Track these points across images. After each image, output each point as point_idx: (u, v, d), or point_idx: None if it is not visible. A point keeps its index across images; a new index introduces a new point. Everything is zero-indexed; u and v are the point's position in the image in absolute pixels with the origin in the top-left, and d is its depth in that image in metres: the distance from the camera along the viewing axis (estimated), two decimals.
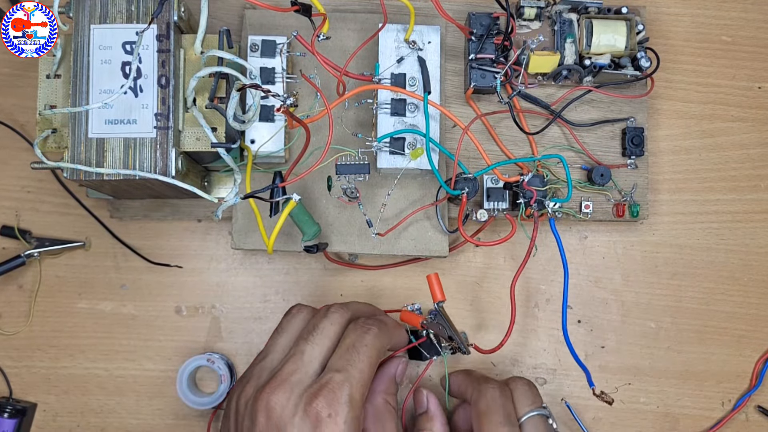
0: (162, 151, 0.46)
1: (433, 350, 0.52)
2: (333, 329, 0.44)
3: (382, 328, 0.45)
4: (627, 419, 0.57)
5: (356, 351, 0.42)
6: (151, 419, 0.56)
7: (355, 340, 0.43)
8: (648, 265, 0.58)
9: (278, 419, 0.40)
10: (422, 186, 0.54)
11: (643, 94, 0.56)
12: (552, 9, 0.54)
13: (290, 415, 0.39)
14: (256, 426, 0.40)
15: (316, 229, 0.49)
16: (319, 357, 0.43)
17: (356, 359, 0.42)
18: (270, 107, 0.51)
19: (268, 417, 0.40)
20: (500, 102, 0.53)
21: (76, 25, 0.47)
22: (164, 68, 0.47)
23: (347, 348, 0.43)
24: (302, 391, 0.40)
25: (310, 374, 0.42)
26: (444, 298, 0.50)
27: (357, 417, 0.40)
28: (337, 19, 0.55)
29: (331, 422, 0.39)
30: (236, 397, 0.43)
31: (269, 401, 0.40)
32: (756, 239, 0.58)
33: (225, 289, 0.57)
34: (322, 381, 0.41)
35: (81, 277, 0.57)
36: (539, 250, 0.57)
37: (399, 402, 0.53)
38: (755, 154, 0.59)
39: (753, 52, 0.60)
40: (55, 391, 0.56)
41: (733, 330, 0.57)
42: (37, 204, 0.57)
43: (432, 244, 0.53)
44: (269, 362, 0.44)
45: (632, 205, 0.55)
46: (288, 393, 0.40)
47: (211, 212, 0.56)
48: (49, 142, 0.48)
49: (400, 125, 0.51)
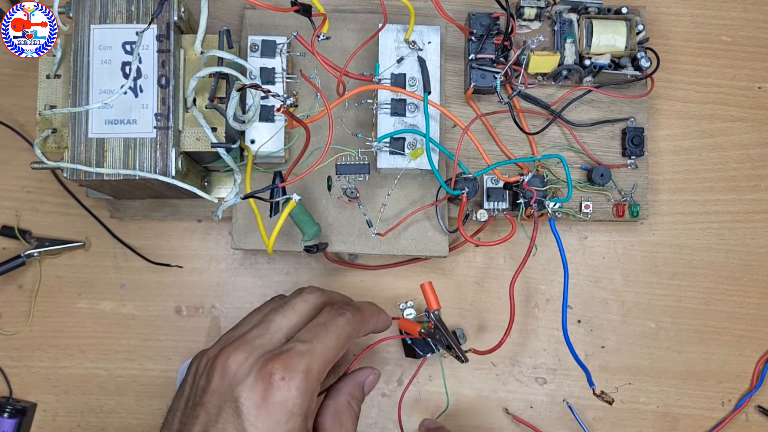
0: (162, 151, 0.46)
1: (427, 348, 0.53)
2: (304, 306, 0.44)
3: (356, 316, 0.44)
4: (627, 419, 0.57)
5: (325, 329, 0.42)
6: (151, 419, 0.56)
7: (326, 320, 0.43)
8: (648, 265, 0.58)
9: (232, 378, 0.39)
10: (422, 186, 0.54)
11: (643, 94, 0.56)
12: (552, 9, 0.54)
13: (244, 374, 0.39)
14: (210, 384, 0.40)
15: (316, 229, 0.49)
16: (285, 329, 0.42)
17: (323, 335, 0.41)
18: (270, 107, 0.51)
19: (223, 375, 0.39)
20: (500, 102, 0.53)
21: (76, 25, 0.47)
22: (164, 68, 0.47)
23: (317, 324, 0.42)
24: (261, 354, 0.40)
25: (273, 341, 0.41)
26: (439, 307, 0.50)
27: (310, 390, 0.40)
28: (337, 19, 0.55)
29: (284, 385, 0.38)
30: (198, 359, 0.43)
31: (227, 360, 0.40)
32: (756, 239, 0.58)
33: (225, 289, 0.57)
34: (283, 348, 0.40)
35: (81, 277, 0.57)
36: (539, 250, 0.57)
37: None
38: (755, 154, 0.59)
39: (753, 52, 0.60)
40: (55, 391, 0.56)
41: (733, 330, 0.57)
42: (37, 204, 0.57)
43: (432, 244, 0.53)
44: (237, 332, 0.43)
45: (632, 205, 0.55)
46: (247, 353, 0.40)
47: (211, 212, 0.56)
48: (49, 142, 0.48)
49: (400, 125, 0.51)
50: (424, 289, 0.50)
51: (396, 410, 0.55)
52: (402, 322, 0.52)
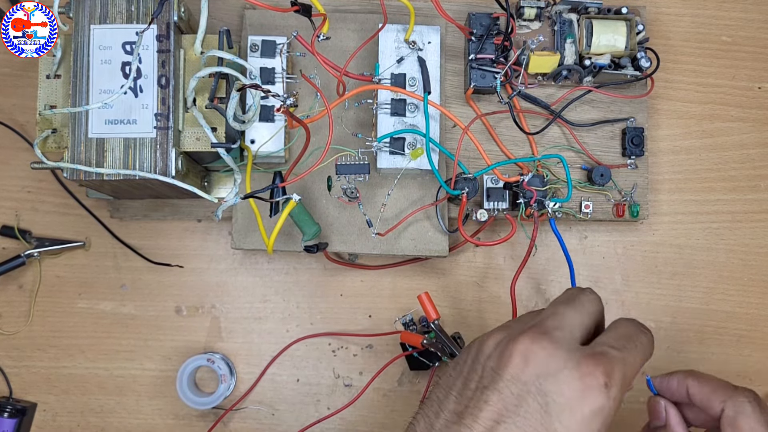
0: (162, 151, 0.46)
1: (433, 358, 0.53)
2: (592, 308, 0.40)
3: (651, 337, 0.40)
4: (627, 419, 0.56)
5: (633, 343, 0.38)
6: (151, 419, 0.56)
7: (632, 334, 0.39)
8: (648, 265, 0.58)
9: (540, 366, 0.36)
10: (422, 186, 0.54)
11: (643, 94, 0.55)
12: (552, 9, 0.54)
13: (556, 368, 0.35)
14: (506, 369, 0.36)
15: (316, 229, 0.49)
16: (580, 326, 0.38)
17: (632, 349, 0.38)
18: (270, 107, 0.51)
19: (526, 362, 0.36)
20: (500, 102, 0.53)
21: (76, 25, 0.47)
22: (164, 68, 0.47)
23: (623, 335, 0.39)
24: (570, 349, 0.36)
25: (575, 337, 0.38)
26: (438, 316, 0.50)
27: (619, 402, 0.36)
28: (337, 19, 0.55)
29: (605, 391, 0.35)
30: (478, 343, 0.39)
31: (531, 346, 0.36)
32: (756, 239, 0.58)
33: (225, 289, 0.57)
34: (596, 349, 0.37)
35: (81, 277, 0.57)
36: (539, 250, 0.57)
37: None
38: (755, 154, 0.59)
39: (753, 52, 0.60)
40: (55, 391, 0.56)
41: (733, 330, 0.57)
42: (37, 204, 0.57)
43: (432, 244, 0.53)
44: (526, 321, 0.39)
45: (632, 205, 0.55)
46: (554, 345, 0.36)
47: (211, 212, 0.56)
48: (49, 142, 0.48)
49: (400, 125, 0.51)
50: (422, 299, 0.51)
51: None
52: (404, 335, 0.53)
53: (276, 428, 0.56)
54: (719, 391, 0.41)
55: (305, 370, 0.56)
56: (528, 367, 0.36)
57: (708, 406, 0.41)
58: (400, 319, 0.54)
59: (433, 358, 0.53)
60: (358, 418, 0.56)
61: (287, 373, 0.56)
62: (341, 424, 0.56)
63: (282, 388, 0.56)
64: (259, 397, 0.56)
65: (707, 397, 0.41)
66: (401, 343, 0.54)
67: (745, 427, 0.39)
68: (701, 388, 0.42)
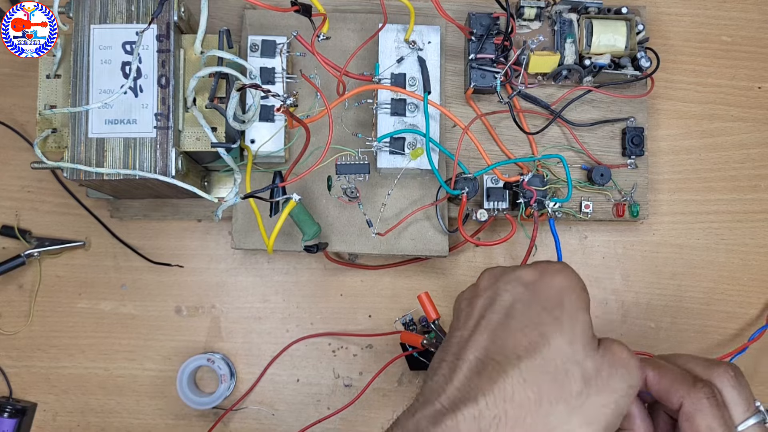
0: (162, 151, 0.46)
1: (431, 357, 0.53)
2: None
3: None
4: None
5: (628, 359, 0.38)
6: (151, 419, 0.56)
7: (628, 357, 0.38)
8: (648, 265, 0.58)
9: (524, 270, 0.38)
10: (422, 186, 0.54)
11: (643, 94, 0.55)
12: (552, 9, 0.54)
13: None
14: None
15: (316, 229, 0.49)
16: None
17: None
18: (270, 107, 0.51)
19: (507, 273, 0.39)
20: (500, 102, 0.53)
21: (76, 25, 0.47)
22: (164, 68, 0.47)
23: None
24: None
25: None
26: (438, 316, 0.50)
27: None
28: (337, 19, 0.55)
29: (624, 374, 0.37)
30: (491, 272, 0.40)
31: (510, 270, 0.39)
32: (756, 239, 0.58)
33: (225, 289, 0.57)
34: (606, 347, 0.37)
35: (81, 277, 0.57)
36: (539, 249, 0.57)
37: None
38: (755, 154, 0.59)
39: (753, 52, 0.60)
40: (55, 391, 0.56)
41: (733, 330, 0.57)
42: (37, 204, 0.57)
43: (432, 244, 0.53)
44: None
45: (632, 205, 0.55)
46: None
47: (211, 212, 0.56)
48: (49, 142, 0.48)
49: (400, 125, 0.51)
50: (422, 299, 0.51)
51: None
52: (404, 335, 0.53)
53: (276, 428, 0.56)
54: (677, 384, 0.39)
55: (305, 370, 0.56)
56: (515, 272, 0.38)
57: (666, 400, 0.39)
58: (400, 319, 0.55)
59: (431, 357, 0.53)
60: (358, 418, 0.56)
61: (287, 373, 0.56)
62: (341, 424, 0.56)
63: (282, 388, 0.56)
64: (259, 397, 0.56)
65: (666, 389, 0.39)
66: (401, 343, 0.54)
67: (702, 424, 0.37)
68: (660, 380, 0.40)
